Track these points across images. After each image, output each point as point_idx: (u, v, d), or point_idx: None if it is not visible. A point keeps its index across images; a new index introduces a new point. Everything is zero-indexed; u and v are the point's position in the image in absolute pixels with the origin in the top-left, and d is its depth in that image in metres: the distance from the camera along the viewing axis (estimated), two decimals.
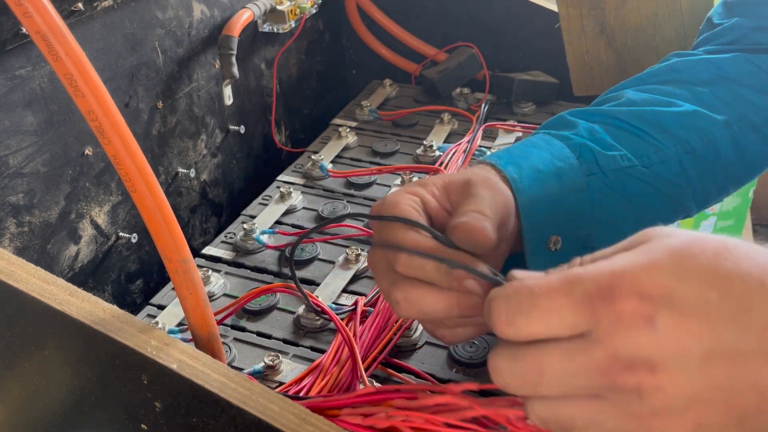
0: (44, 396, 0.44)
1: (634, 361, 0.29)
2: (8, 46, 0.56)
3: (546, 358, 0.32)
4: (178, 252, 0.38)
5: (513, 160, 0.49)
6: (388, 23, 1.05)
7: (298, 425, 0.34)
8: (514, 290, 0.33)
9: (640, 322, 0.29)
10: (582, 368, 0.31)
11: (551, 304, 0.31)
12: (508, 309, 0.32)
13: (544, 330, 0.31)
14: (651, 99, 0.58)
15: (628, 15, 0.79)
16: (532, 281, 0.32)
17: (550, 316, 0.31)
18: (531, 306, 0.32)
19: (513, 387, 0.33)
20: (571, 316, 0.31)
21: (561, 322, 0.31)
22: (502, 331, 0.33)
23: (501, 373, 0.33)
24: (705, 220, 1.41)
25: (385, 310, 0.59)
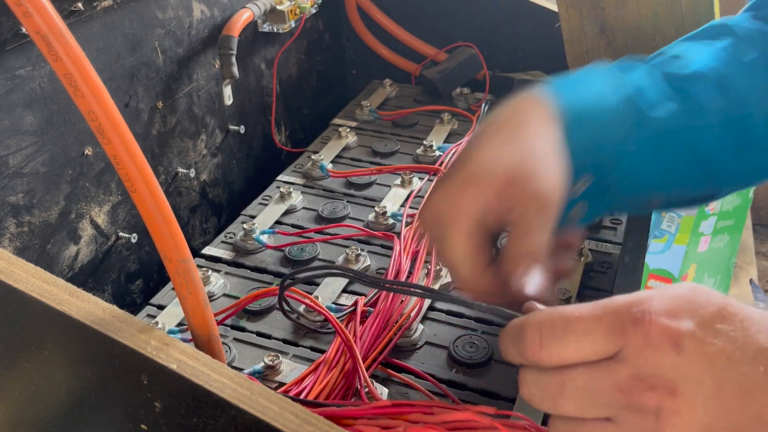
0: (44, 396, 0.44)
1: (657, 382, 0.30)
2: (8, 46, 0.56)
3: (571, 375, 0.33)
4: (178, 252, 0.38)
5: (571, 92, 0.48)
6: (388, 23, 1.05)
7: (298, 425, 0.34)
8: (547, 315, 0.33)
9: (668, 344, 0.30)
10: (605, 386, 0.32)
11: (585, 327, 0.32)
12: (543, 333, 0.33)
13: (575, 354, 0.32)
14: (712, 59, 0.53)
15: (628, 15, 0.79)
16: (563, 307, 0.33)
17: (584, 340, 0.32)
18: (565, 330, 0.32)
19: (536, 399, 0.34)
20: (602, 339, 0.32)
21: (593, 346, 0.32)
22: (534, 353, 0.33)
23: (527, 384, 0.34)
24: (705, 220, 1.41)
25: (385, 310, 0.59)
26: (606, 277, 0.65)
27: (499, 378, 0.55)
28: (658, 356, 0.30)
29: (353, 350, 0.52)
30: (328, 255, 0.70)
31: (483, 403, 0.53)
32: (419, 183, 0.80)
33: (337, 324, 0.54)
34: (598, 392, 0.32)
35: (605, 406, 0.32)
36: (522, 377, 0.35)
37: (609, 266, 0.66)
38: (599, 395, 0.32)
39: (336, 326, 0.54)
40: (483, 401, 0.53)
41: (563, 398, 0.33)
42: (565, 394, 0.33)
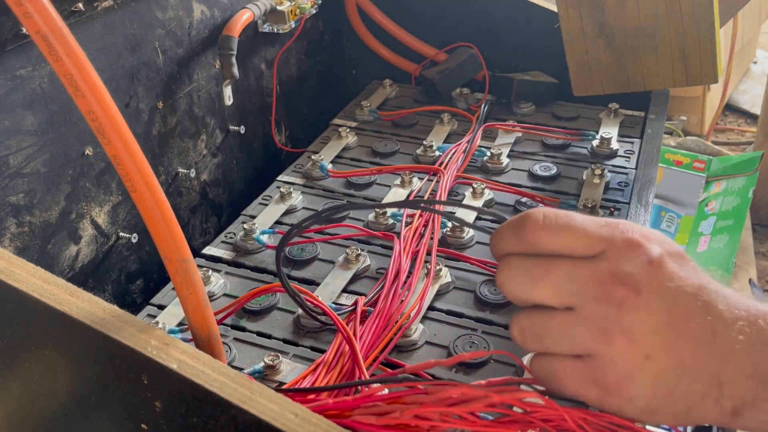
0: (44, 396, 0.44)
1: (628, 280, 0.36)
2: (8, 47, 0.56)
3: (557, 261, 0.38)
4: (179, 252, 0.38)
5: None
6: (388, 23, 1.05)
7: (298, 425, 0.34)
8: (552, 210, 0.38)
9: (643, 254, 0.37)
10: (585, 275, 0.37)
11: (584, 224, 0.38)
12: (546, 217, 0.38)
13: (570, 243, 0.38)
14: None
15: (628, 15, 0.79)
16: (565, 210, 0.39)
17: (580, 233, 0.37)
18: (567, 221, 0.38)
19: (515, 282, 0.39)
20: (595, 237, 0.37)
21: (586, 240, 0.37)
22: (534, 233, 0.38)
23: (509, 267, 0.39)
24: (704, 221, 1.42)
25: (384, 310, 0.59)
26: None
27: (497, 371, 0.55)
28: (634, 262, 0.36)
29: (354, 346, 0.52)
30: (328, 255, 0.70)
31: None
32: (419, 183, 0.80)
33: (338, 320, 0.54)
34: (577, 280, 0.37)
35: (577, 295, 0.37)
36: (506, 261, 0.39)
37: None
38: (577, 283, 0.37)
39: (336, 322, 0.54)
40: None
41: (543, 281, 0.38)
42: (547, 277, 0.38)
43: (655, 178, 0.76)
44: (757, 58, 2.28)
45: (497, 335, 0.59)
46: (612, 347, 0.36)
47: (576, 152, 0.86)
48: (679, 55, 0.80)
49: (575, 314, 0.37)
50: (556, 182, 0.80)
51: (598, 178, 0.78)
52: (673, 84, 0.82)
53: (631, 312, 0.36)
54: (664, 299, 0.36)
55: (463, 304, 0.63)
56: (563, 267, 0.37)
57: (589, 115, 0.94)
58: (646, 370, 0.36)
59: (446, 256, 0.68)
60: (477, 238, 0.71)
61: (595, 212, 0.72)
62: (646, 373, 0.36)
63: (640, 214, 0.68)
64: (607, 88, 0.84)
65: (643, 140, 0.84)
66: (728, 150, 1.74)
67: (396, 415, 0.38)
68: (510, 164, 0.83)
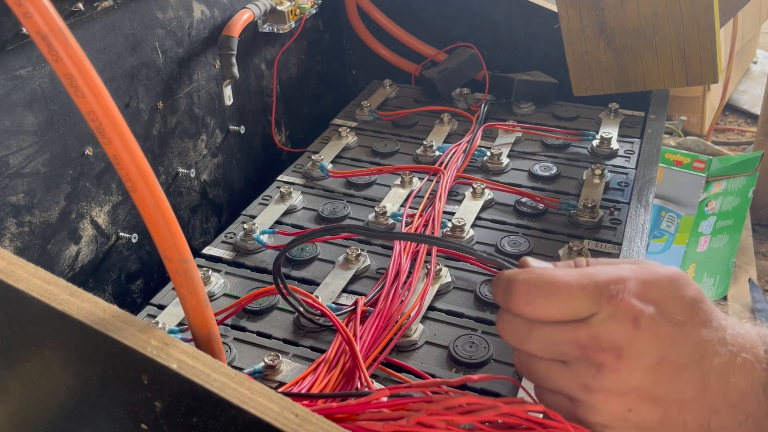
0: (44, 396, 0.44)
1: (608, 346, 0.36)
2: (9, 47, 0.56)
3: (538, 326, 0.38)
4: (179, 252, 0.38)
5: None
6: (388, 23, 1.05)
7: (299, 425, 0.34)
8: (538, 276, 0.38)
9: (629, 319, 0.36)
10: (566, 339, 0.37)
11: (569, 294, 0.37)
12: (530, 291, 0.38)
13: (557, 314, 0.38)
14: None
15: (628, 15, 0.79)
16: (553, 270, 0.38)
17: (566, 306, 0.37)
18: (552, 293, 0.37)
19: (506, 335, 0.40)
20: (580, 307, 0.37)
21: (571, 311, 0.37)
22: (519, 307, 0.38)
23: (501, 321, 0.40)
24: (704, 220, 1.42)
25: (384, 310, 0.59)
26: None
27: (498, 380, 0.55)
28: (618, 328, 0.36)
29: (354, 347, 0.52)
30: (328, 255, 0.70)
31: None
32: (419, 183, 0.80)
33: (337, 321, 0.54)
34: (559, 342, 0.38)
35: (561, 353, 0.38)
36: (499, 315, 0.40)
37: None
38: (559, 345, 0.38)
39: (336, 324, 0.54)
40: None
41: (528, 340, 0.39)
42: (531, 337, 0.39)
43: (655, 178, 0.76)
44: (757, 58, 2.27)
45: (497, 335, 0.59)
46: (593, 399, 0.37)
47: (576, 152, 0.86)
48: (679, 55, 0.80)
49: (559, 365, 0.38)
50: (556, 182, 0.80)
51: (598, 178, 0.78)
52: (673, 84, 0.82)
53: (611, 373, 0.36)
54: (649, 358, 0.36)
55: (463, 304, 0.63)
56: (545, 330, 0.38)
57: (589, 115, 0.94)
58: (628, 420, 0.37)
59: (446, 256, 0.68)
60: (477, 238, 0.71)
61: (595, 212, 0.72)
62: (629, 422, 0.37)
63: (640, 214, 0.68)
64: (607, 88, 0.84)
65: (643, 140, 0.84)
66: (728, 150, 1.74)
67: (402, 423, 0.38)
68: (510, 164, 0.83)
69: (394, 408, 0.40)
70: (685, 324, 0.37)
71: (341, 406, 0.41)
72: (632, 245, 0.63)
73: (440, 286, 0.64)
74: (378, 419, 0.39)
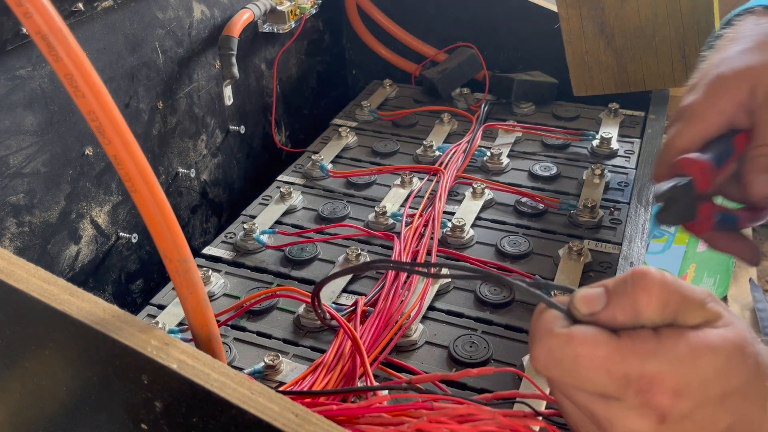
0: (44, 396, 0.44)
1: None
2: (9, 47, 0.56)
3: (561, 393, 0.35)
4: (179, 252, 0.38)
5: None
6: (388, 23, 1.05)
7: (299, 425, 0.34)
8: (560, 345, 0.33)
9: (654, 416, 0.32)
10: (582, 405, 0.34)
11: (590, 373, 0.33)
12: (549, 359, 0.34)
13: (572, 385, 0.34)
14: None
15: (628, 15, 0.79)
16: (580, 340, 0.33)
17: (585, 382, 0.33)
18: (571, 367, 0.33)
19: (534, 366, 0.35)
20: (602, 387, 0.33)
21: (591, 387, 0.33)
22: (538, 370, 0.35)
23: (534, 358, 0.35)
24: None
25: (385, 310, 0.59)
26: (605, 277, 0.65)
27: (498, 377, 0.55)
28: (640, 421, 0.32)
29: (359, 346, 0.52)
30: (328, 255, 0.70)
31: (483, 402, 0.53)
32: (419, 183, 0.80)
33: (343, 321, 0.54)
34: (577, 401, 0.34)
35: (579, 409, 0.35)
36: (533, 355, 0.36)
37: (608, 266, 0.66)
38: (577, 402, 0.34)
39: (342, 323, 0.54)
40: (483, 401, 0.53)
41: (552, 387, 0.36)
42: (552, 388, 0.36)
43: None
44: None
45: (497, 335, 0.59)
46: None
47: (576, 152, 0.86)
48: (679, 55, 0.80)
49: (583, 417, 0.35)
50: (556, 182, 0.80)
51: (598, 178, 0.78)
52: (673, 84, 0.82)
53: None
54: None
55: (463, 304, 0.63)
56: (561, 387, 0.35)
57: (589, 115, 0.94)
58: None
59: (446, 256, 0.68)
60: (477, 238, 0.71)
61: (595, 212, 0.72)
62: None
63: (640, 214, 0.68)
64: (607, 88, 0.84)
65: (643, 140, 0.84)
66: None
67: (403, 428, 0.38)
68: (510, 164, 0.83)
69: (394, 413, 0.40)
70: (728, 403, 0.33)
71: (342, 408, 0.41)
72: (632, 245, 0.63)
73: (440, 286, 0.64)
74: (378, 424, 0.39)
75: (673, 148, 0.52)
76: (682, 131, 0.52)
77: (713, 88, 0.51)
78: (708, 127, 0.51)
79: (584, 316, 0.34)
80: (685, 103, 0.53)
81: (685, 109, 0.52)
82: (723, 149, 0.51)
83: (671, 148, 0.52)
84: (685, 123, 0.52)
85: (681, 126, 0.52)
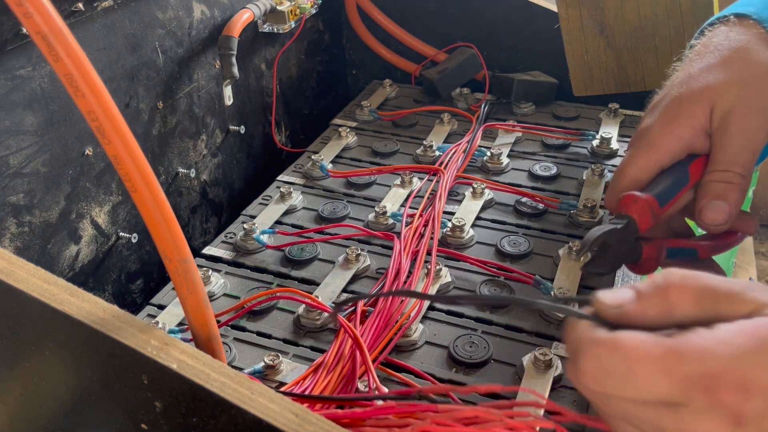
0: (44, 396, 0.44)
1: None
2: (9, 47, 0.56)
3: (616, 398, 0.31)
4: (179, 252, 0.38)
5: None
6: (388, 23, 1.05)
7: (299, 425, 0.34)
8: (609, 351, 0.30)
9: (729, 419, 0.29)
10: (649, 422, 0.31)
11: (648, 379, 0.30)
12: (599, 371, 0.31)
13: (632, 397, 0.30)
14: None
15: (628, 15, 0.79)
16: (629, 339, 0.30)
17: (646, 392, 0.30)
18: (627, 378, 0.30)
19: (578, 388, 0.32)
20: (664, 392, 0.30)
21: (651, 395, 0.30)
22: (586, 385, 0.31)
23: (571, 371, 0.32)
24: None
25: (385, 310, 0.59)
26: (605, 277, 0.65)
27: (498, 377, 0.55)
28: (714, 425, 0.29)
29: (361, 345, 0.52)
30: (328, 255, 0.70)
31: (483, 402, 0.53)
32: (419, 183, 0.80)
33: (344, 321, 0.54)
34: (641, 421, 0.31)
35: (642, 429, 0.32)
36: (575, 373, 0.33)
37: None
38: (640, 423, 0.31)
39: (343, 323, 0.54)
40: (483, 401, 0.53)
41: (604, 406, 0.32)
42: (606, 406, 0.32)
43: None
44: None
45: (497, 335, 0.59)
46: None
47: (576, 152, 0.86)
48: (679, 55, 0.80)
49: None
50: (556, 182, 0.80)
51: (598, 178, 0.78)
52: None
53: None
54: None
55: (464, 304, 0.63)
56: (622, 405, 0.31)
57: (589, 115, 0.94)
58: None
59: (446, 256, 0.68)
60: (477, 238, 0.71)
61: (595, 212, 0.72)
62: None
63: None
64: (607, 88, 0.84)
65: None
66: None
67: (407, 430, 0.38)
68: (510, 164, 0.83)
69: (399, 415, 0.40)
70: None
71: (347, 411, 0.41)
72: None
73: (440, 286, 0.64)
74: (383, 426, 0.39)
75: (624, 178, 0.49)
76: (635, 159, 0.49)
77: (671, 112, 0.49)
78: (662, 156, 0.48)
79: (612, 309, 0.31)
80: (642, 126, 0.50)
81: (642, 133, 0.50)
82: (676, 178, 0.48)
83: (622, 177, 0.50)
84: (639, 150, 0.49)
85: (634, 153, 0.49)
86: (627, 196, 0.47)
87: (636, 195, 0.47)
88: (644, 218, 0.47)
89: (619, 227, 0.47)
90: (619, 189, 0.49)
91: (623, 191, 0.48)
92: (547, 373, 0.54)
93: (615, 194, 0.49)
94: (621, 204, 0.48)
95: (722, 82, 0.47)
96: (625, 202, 0.47)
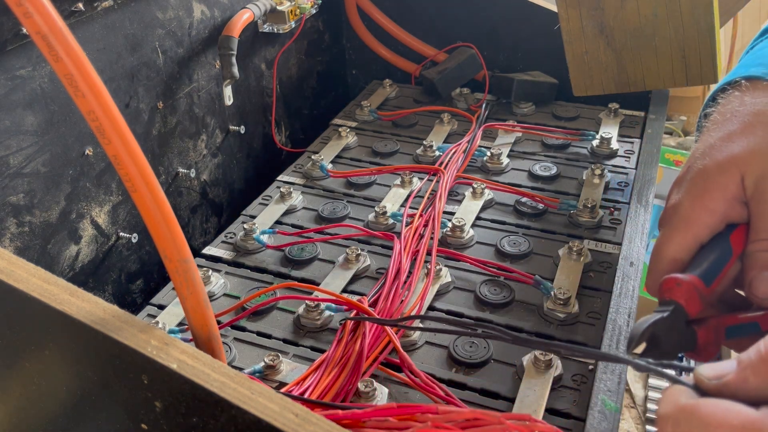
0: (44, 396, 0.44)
1: None
2: (9, 47, 0.56)
3: None
4: (179, 252, 0.38)
5: None
6: (388, 23, 1.05)
7: (299, 425, 0.34)
8: (687, 416, 0.30)
9: None
10: None
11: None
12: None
13: None
14: None
15: (628, 15, 0.79)
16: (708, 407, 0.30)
17: None
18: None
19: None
20: None
21: None
22: None
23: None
24: None
25: (385, 310, 0.59)
26: (605, 277, 0.65)
27: (498, 377, 0.55)
28: None
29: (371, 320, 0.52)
30: (328, 255, 0.70)
31: (483, 402, 0.53)
32: (419, 183, 0.80)
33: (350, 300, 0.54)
34: None
35: None
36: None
37: (608, 266, 0.66)
38: None
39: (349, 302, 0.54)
40: (483, 401, 0.53)
41: None
42: None
43: (655, 178, 0.76)
44: None
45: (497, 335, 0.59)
46: None
47: (576, 152, 0.86)
48: (679, 55, 0.80)
49: None
50: (556, 182, 0.81)
51: (598, 178, 0.78)
52: (673, 84, 0.82)
53: None
54: None
55: (463, 304, 0.63)
56: None
57: (589, 115, 0.94)
58: None
59: (446, 256, 0.68)
60: (477, 238, 0.71)
61: (595, 212, 0.72)
62: None
63: (640, 214, 0.68)
64: (607, 88, 0.84)
65: (643, 140, 0.84)
66: None
67: None
68: (510, 164, 0.83)
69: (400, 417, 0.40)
70: None
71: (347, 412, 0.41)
72: (632, 245, 0.63)
73: (440, 286, 0.64)
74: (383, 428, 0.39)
75: (662, 260, 0.46)
76: (671, 238, 0.46)
77: (699, 185, 0.46)
78: (699, 231, 0.45)
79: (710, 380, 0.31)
80: (670, 203, 0.48)
81: (672, 211, 0.47)
82: (719, 252, 0.45)
83: (660, 259, 0.46)
84: (673, 228, 0.46)
85: (668, 232, 0.47)
86: (669, 279, 0.43)
87: (679, 278, 0.43)
88: (692, 302, 0.43)
89: (666, 315, 0.43)
90: (659, 272, 0.46)
91: (663, 275, 0.45)
92: (547, 373, 0.54)
93: (655, 279, 0.46)
94: (664, 289, 0.44)
95: (748, 149, 0.45)
96: (668, 287, 0.43)
